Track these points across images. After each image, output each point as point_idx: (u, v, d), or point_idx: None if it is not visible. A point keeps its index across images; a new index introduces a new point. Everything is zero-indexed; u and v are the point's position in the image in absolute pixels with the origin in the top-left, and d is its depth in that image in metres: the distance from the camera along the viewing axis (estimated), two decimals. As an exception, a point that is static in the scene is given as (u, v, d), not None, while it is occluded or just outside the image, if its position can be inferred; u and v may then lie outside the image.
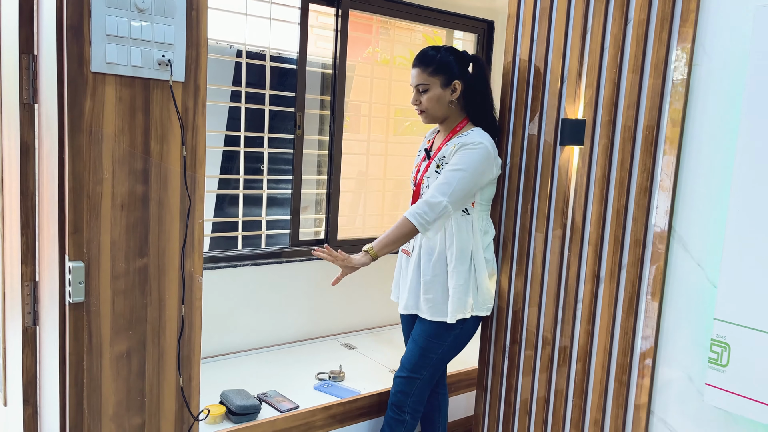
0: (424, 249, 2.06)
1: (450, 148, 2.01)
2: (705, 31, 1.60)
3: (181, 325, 1.73)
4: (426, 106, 2.04)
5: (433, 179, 2.03)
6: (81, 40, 1.49)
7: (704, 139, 1.60)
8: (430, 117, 2.07)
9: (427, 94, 2.03)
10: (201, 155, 1.71)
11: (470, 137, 1.99)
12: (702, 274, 1.60)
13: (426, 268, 2.05)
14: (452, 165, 1.96)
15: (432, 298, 2.04)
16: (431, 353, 2.09)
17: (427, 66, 2.02)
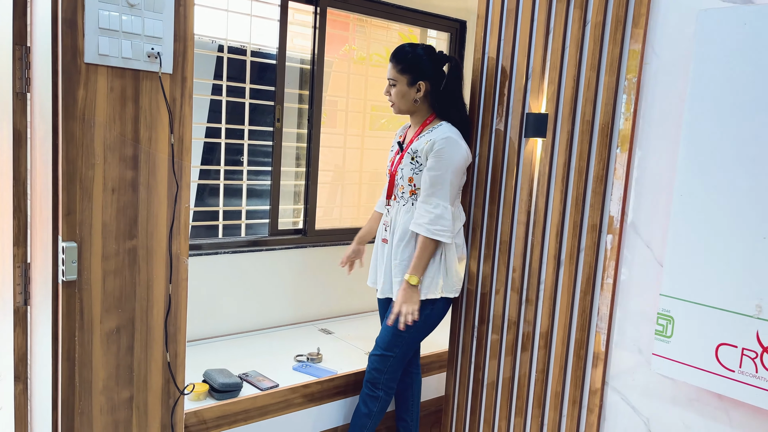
0: (398, 235, 2.22)
1: (422, 144, 2.16)
2: (654, 32, 1.75)
3: (168, 304, 1.83)
4: (394, 98, 2.23)
5: (408, 170, 2.20)
6: (75, 33, 1.58)
7: (653, 132, 1.75)
8: (397, 109, 2.25)
9: (395, 88, 2.21)
10: (188, 143, 1.81)
11: (438, 132, 2.14)
12: (651, 254, 1.75)
13: (397, 252, 2.22)
14: (434, 169, 2.11)
15: (400, 282, 2.18)
16: (403, 332, 2.22)
17: (398, 63, 2.19)
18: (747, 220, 1.49)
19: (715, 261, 1.55)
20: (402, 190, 2.24)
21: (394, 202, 2.29)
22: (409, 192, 2.22)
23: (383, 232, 2.34)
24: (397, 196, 2.28)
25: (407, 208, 2.23)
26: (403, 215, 2.23)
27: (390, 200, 2.31)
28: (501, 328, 2.18)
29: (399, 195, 2.26)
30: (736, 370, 1.52)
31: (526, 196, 2.09)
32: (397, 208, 2.27)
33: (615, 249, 1.83)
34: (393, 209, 2.30)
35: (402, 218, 2.23)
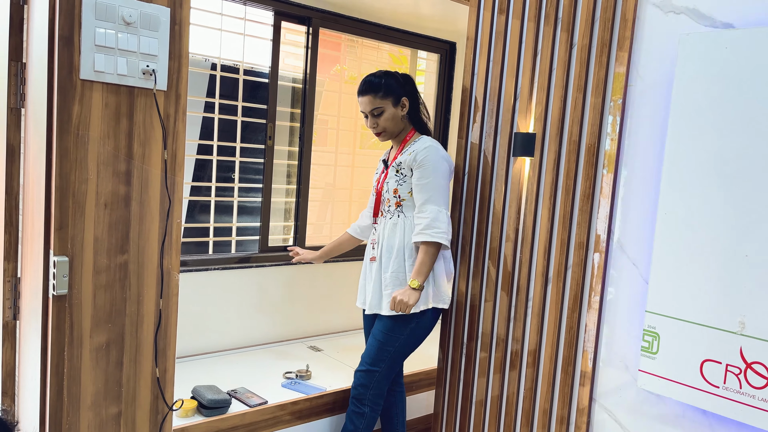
0: (385, 248, 2.25)
1: (405, 156, 2.23)
2: (638, 55, 1.80)
3: (158, 319, 1.83)
4: (384, 126, 2.25)
5: (392, 182, 2.26)
6: (71, 50, 1.60)
7: (638, 151, 1.80)
8: (389, 135, 2.29)
9: (383, 115, 2.24)
10: (180, 159, 1.83)
11: (419, 143, 2.23)
12: (636, 271, 1.78)
13: (387, 265, 2.23)
14: (422, 177, 2.17)
15: (391, 293, 2.20)
16: (389, 346, 2.23)
17: (377, 91, 2.23)
18: (729, 238, 1.53)
19: (698, 278, 1.59)
20: (388, 204, 2.28)
21: (380, 218, 2.32)
22: (395, 204, 2.26)
23: (371, 250, 2.34)
24: (383, 212, 2.31)
25: (394, 221, 2.26)
26: (390, 229, 2.26)
27: (377, 217, 2.34)
28: (489, 345, 2.20)
29: (385, 210, 2.29)
30: (721, 386, 1.54)
31: (515, 214, 2.12)
32: (384, 223, 2.29)
33: (601, 266, 1.86)
34: (380, 225, 2.32)
35: (389, 232, 2.26)
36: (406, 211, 2.24)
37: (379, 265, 2.27)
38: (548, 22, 2.02)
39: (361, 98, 2.25)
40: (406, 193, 2.23)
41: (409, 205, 2.24)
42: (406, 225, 2.23)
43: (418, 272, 2.14)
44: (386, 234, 2.27)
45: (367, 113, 2.26)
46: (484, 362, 2.21)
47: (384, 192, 2.29)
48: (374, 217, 2.35)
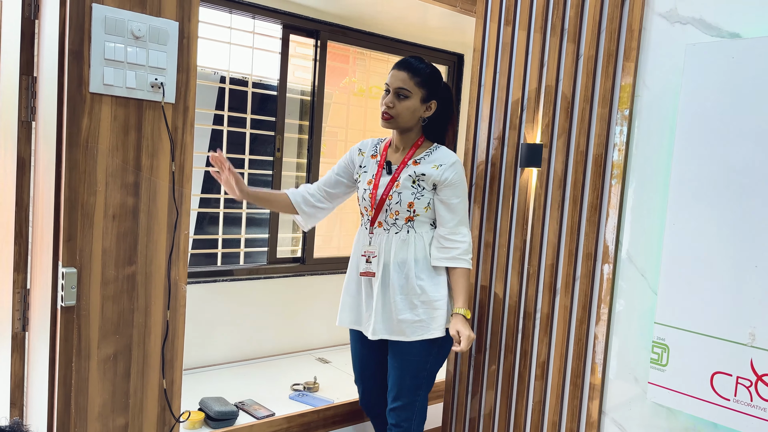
0: (393, 265, 2.00)
1: (428, 168, 1.97)
2: (645, 66, 1.79)
3: (165, 330, 1.83)
4: (399, 111, 1.97)
5: (408, 194, 1.98)
6: (81, 64, 1.62)
7: (646, 161, 1.79)
8: (395, 124, 2.00)
9: (406, 102, 1.97)
10: (188, 171, 1.84)
11: (444, 156, 1.99)
12: (645, 283, 1.77)
13: (396, 286, 1.99)
14: (455, 196, 1.97)
15: (411, 317, 1.98)
16: (421, 371, 2.02)
17: (416, 75, 1.97)
18: (738, 249, 1.52)
19: (707, 289, 1.57)
20: (396, 215, 2.00)
21: (378, 229, 2.04)
22: (405, 218, 2.00)
23: (364, 264, 2.04)
24: (386, 223, 2.02)
25: (402, 237, 1.99)
26: (398, 245, 1.99)
27: (373, 227, 2.06)
28: (498, 357, 2.18)
29: (390, 222, 2.01)
30: (731, 399, 1.52)
31: (522, 225, 2.11)
32: (387, 238, 2.01)
33: (610, 278, 1.85)
34: (379, 238, 2.03)
35: (396, 247, 1.99)
36: (418, 227, 2.00)
37: (383, 284, 2.00)
38: (554, 33, 2.03)
39: (396, 72, 1.98)
40: (422, 208, 1.98)
41: (423, 221, 2.00)
42: (417, 242, 1.99)
43: (465, 301, 1.97)
44: (393, 249, 2.00)
45: (391, 89, 1.98)
46: (493, 375, 2.20)
47: (391, 202, 2.00)
48: (370, 227, 2.06)
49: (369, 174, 2.08)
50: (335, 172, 2.18)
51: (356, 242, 2.12)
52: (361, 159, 2.13)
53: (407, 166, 2.01)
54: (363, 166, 2.11)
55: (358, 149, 2.16)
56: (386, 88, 2.01)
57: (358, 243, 2.11)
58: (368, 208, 2.06)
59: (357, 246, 2.11)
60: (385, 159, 2.07)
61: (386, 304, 2.01)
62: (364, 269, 2.05)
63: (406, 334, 1.99)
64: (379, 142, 2.14)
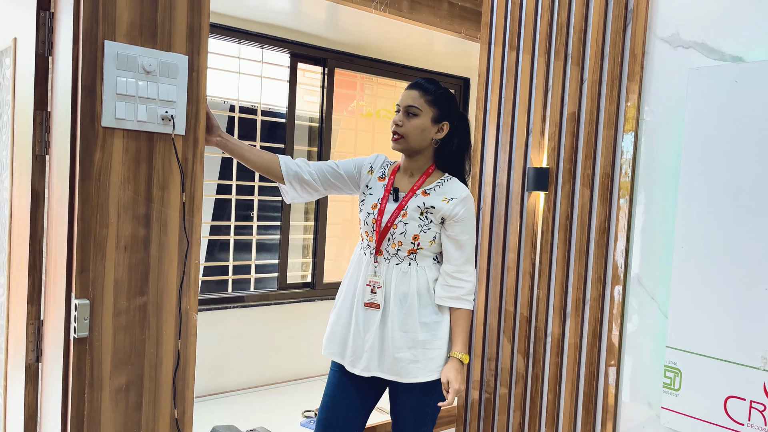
0: (394, 297, 1.87)
1: (438, 201, 1.86)
2: (649, 89, 1.81)
3: (176, 360, 1.84)
4: (408, 131, 1.86)
5: (414, 226, 1.86)
6: (93, 99, 1.66)
7: (653, 184, 1.79)
8: (405, 145, 1.88)
9: (416, 120, 1.86)
10: (198, 201, 1.87)
11: (455, 189, 1.88)
12: (655, 306, 1.76)
13: (396, 321, 1.86)
14: (464, 233, 1.87)
15: (408, 357, 1.85)
16: (424, 408, 1.92)
17: (427, 93, 1.88)
18: (747, 271, 1.51)
19: (718, 312, 1.56)
20: (398, 246, 1.87)
21: (382, 258, 1.91)
22: (408, 251, 1.87)
23: (369, 294, 1.89)
24: (386, 252, 1.90)
25: (403, 269, 1.88)
26: (399, 277, 1.87)
27: (377, 256, 1.91)
28: (509, 381, 2.17)
29: (391, 252, 1.89)
30: (746, 424, 1.50)
31: (530, 248, 2.11)
32: (387, 268, 1.89)
33: (620, 301, 1.84)
34: (383, 267, 1.90)
35: (397, 279, 1.88)
36: (420, 260, 1.88)
37: (382, 318, 1.88)
38: (558, 57, 2.05)
39: (407, 91, 1.90)
40: (427, 242, 1.87)
41: (426, 255, 1.89)
42: (420, 276, 1.87)
43: (465, 345, 1.86)
44: (393, 282, 1.88)
45: (401, 107, 1.89)
46: (504, 399, 2.18)
47: (395, 232, 1.87)
48: (376, 255, 1.91)
49: (374, 197, 1.94)
50: (343, 169, 2.00)
51: (355, 269, 1.96)
52: (369, 178, 1.99)
53: (416, 195, 1.89)
54: (369, 187, 1.98)
55: (370, 165, 2.01)
56: (397, 108, 1.92)
57: (358, 270, 1.95)
58: (369, 233, 1.92)
59: (357, 273, 1.95)
60: (393, 184, 1.94)
61: (384, 340, 1.87)
62: (369, 300, 1.90)
63: (400, 375, 1.85)
64: (388, 164, 2.01)
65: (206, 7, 1.85)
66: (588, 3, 1.98)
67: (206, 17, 1.86)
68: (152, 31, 1.74)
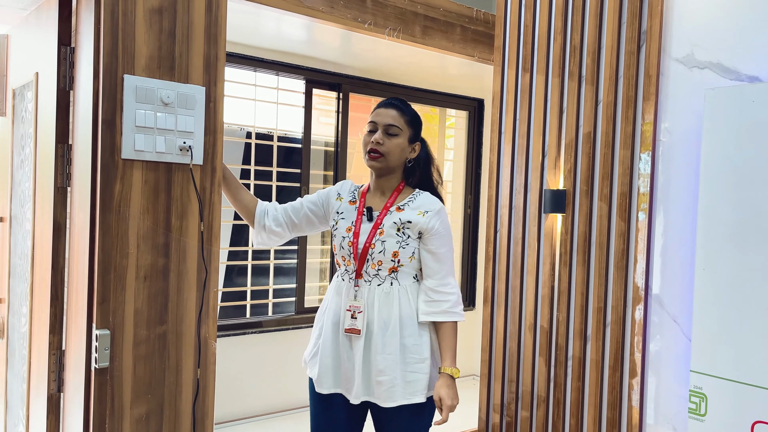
0: (377, 322, 1.82)
1: (414, 215, 1.83)
2: (665, 110, 1.80)
3: (196, 388, 1.85)
4: (390, 149, 1.84)
5: (392, 243, 1.82)
6: (113, 131, 1.69)
7: (671, 204, 1.77)
8: (384, 164, 1.85)
9: (396, 139, 1.85)
10: (216, 230, 1.88)
11: (429, 202, 1.87)
12: (678, 328, 1.73)
13: (379, 344, 1.81)
14: (443, 245, 1.85)
15: (389, 380, 1.79)
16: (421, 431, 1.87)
17: (405, 113, 1.89)
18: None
19: (742, 335, 1.53)
20: (378, 266, 1.82)
21: (362, 282, 1.85)
22: (389, 269, 1.82)
23: (350, 320, 1.84)
24: (366, 274, 1.84)
25: (385, 289, 1.82)
26: (381, 299, 1.82)
27: (358, 279, 1.86)
28: (530, 406, 2.14)
29: (371, 273, 1.84)
30: (776, 451, 1.47)
31: (549, 271, 2.10)
32: (369, 290, 1.84)
33: (641, 324, 1.81)
34: (364, 290, 1.84)
35: (380, 302, 1.82)
36: (402, 279, 1.83)
37: (366, 343, 1.82)
38: (572, 79, 2.05)
39: (384, 110, 1.87)
40: (407, 258, 1.83)
41: (407, 273, 1.84)
42: (402, 295, 1.83)
43: (454, 359, 1.81)
44: (376, 304, 1.82)
45: (379, 126, 1.85)
46: (526, 423, 2.15)
47: (374, 251, 1.82)
48: (356, 278, 1.86)
49: (347, 220, 1.90)
50: (306, 206, 1.99)
51: (334, 295, 1.90)
52: (339, 204, 1.95)
53: (390, 212, 1.85)
54: (340, 212, 1.93)
55: (337, 192, 1.98)
56: (370, 127, 1.87)
57: (337, 296, 1.89)
58: (347, 258, 1.87)
59: (336, 299, 1.89)
60: (365, 205, 1.91)
61: (366, 364, 1.82)
62: (349, 326, 1.84)
63: (383, 399, 1.79)
64: (356, 188, 1.98)
65: (222, 39, 1.88)
66: (601, 25, 1.98)
67: (222, 48, 1.89)
68: (170, 63, 1.78)
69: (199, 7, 1.82)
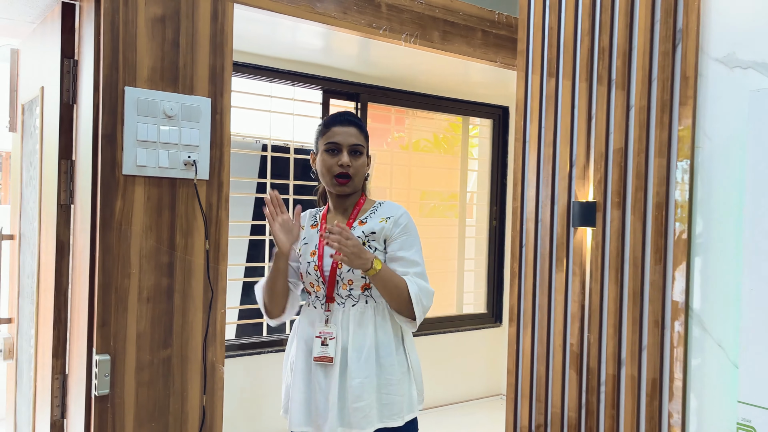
0: (351, 348, 1.68)
1: (377, 223, 1.73)
2: (704, 114, 1.65)
3: (202, 415, 1.75)
4: (357, 170, 1.74)
5: None
6: (114, 146, 1.62)
7: (712, 217, 1.62)
8: (353, 187, 1.75)
9: (361, 158, 1.74)
10: (224, 248, 1.79)
11: (390, 208, 1.78)
12: (723, 354, 1.58)
13: (353, 371, 1.67)
14: (411, 246, 1.73)
15: (365, 405, 1.65)
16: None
17: (362, 129, 1.78)
18: (832, 318, 1.32)
19: (799, 364, 1.37)
20: (350, 285, 1.69)
21: (335, 305, 1.71)
22: (361, 287, 1.69)
23: (319, 347, 1.68)
24: (339, 297, 1.70)
25: (360, 309, 1.69)
26: (356, 320, 1.69)
27: (329, 304, 1.71)
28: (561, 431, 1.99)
29: (344, 294, 1.70)
30: (840, 495, 1.30)
31: (579, 289, 1.95)
32: (343, 313, 1.70)
33: (682, 347, 1.66)
34: (338, 315, 1.70)
35: (354, 325, 1.69)
36: (376, 295, 1.70)
37: (341, 371, 1.67)
38: (602, 83, 1.91)
39: (343, 128, 1.73)
40: (399, 263, 1.71)
41: None
42: (377, 313, 1.70)
43: (388, 272, 1.64)
44: (351, 328, 1.69)
45: (344, 147, 1.71)
46: (556, 454, 2.00)
47: (342, 271, 1.68)
48: (327, 302, 1.71)
49: (311, 245, 1.77)
50: (292, 260, 1.77)
51: (302, 325, 1.75)
52: (302, 233, 1.81)
53: (353, 228, 1.75)
54: (304, 238, 1.80)
55: (301, 225, 1.82)
56: (331, 147, 1.72)
57: (309, 326, 1.73)
58: (315, 283, 1.73)
59: (304, 329, 1.73)
60: (323, 226, 1.77)
61: (342, 392, 1.67)
62: (319, 353, 1.67)
63: (360, 426, 1.65)
64: (317, 212, 1.85)
65: (229, 47, 1.80)
66: (632, 24, 1.84)
67: (229, 57, 1.81)
68: (173, 74, 1.70)
69: (204, 15, 1.75)
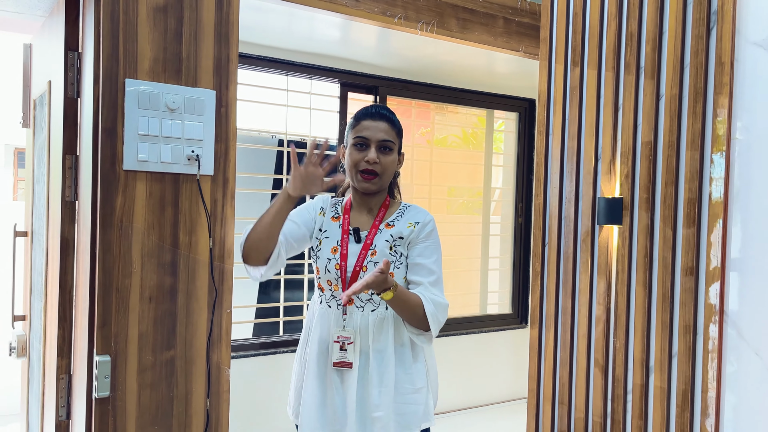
0: (373, 353, 1.63)
1: (405, 228, 1.66)
2: (741, 103, 1.52)
3: (206, 420, 1.69)
4: (385, 167, 1.65)
5: None
6: (114, 141, 1.56)
7: (751, 214, 1.49)
8: (379, 185, 1.67)
9: (390, 155, 1.66)
10: (229, 246, 1.73)
11: (419, 212, 1.71)
12: (761, 364, 1.45)
13: (374, 378, 1.62)
14: (432, 254, 1.66)
15: (385, 415, 1.61)
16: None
17: (394, 124, 1.69)
18: None
19: None
20: (371, 290, 1.56)
21: (353, 308, 1.65)
22: None
23: (338, 352, 1.61)
24: (359, 300, 1.65)
25: (380, 314, 1.63)
26: (375, 326, 1.63)
27: (347, 305, 1.65)
28: (585, 444, 1.88)
29: (364, 298, 1.64)
30: None
31: (604, 291, 1.84)
32: (361, 318, 1.64)
33: (716, 356, 1.54)
34: (355, 319, 1.64)
35: (374, 330, 1.63)
36: None
37: (360, 377, 1.61)
38: (629, 71, 1.79)
39: (373, 122, 1.65)
40: (401, 278, 1.65)
41: None
42: (397, 319, 1.63)
43: (404, 293, 1.55)
44: (370, 333, 1.62)
45: (372, 142, 1.63)
46: (580, 464, 1.89)
47: (366, 275, 1.58)
48: (344, 306, 1.64)
49: (332, 240, 1.68)
50: (297, 224, 1.70)
51: (318, 324, 1.68)
52: (322, 220, 1.73)
53: (380, 231, 1.67)
54: (323, 230, 1.71)
55: (320, 207, 1.75)
56: (360, 141, 1.64)
57: (322, 326, 1.67)
58: (334, 282, 1.66)
59: (321, 329, 1.67)
60: (349, 223, 1.70)
61: (363, 400, 1.61)
62: (338, 358, 1.61)
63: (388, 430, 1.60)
64: (339, 202, 1.76)
65: (234, 38, 1.73)
66: (663, 7, 1.72)
67: (235, 48, 1.74)
68: (176, 66, 1.64)
69: (209, 3, 1.68)
